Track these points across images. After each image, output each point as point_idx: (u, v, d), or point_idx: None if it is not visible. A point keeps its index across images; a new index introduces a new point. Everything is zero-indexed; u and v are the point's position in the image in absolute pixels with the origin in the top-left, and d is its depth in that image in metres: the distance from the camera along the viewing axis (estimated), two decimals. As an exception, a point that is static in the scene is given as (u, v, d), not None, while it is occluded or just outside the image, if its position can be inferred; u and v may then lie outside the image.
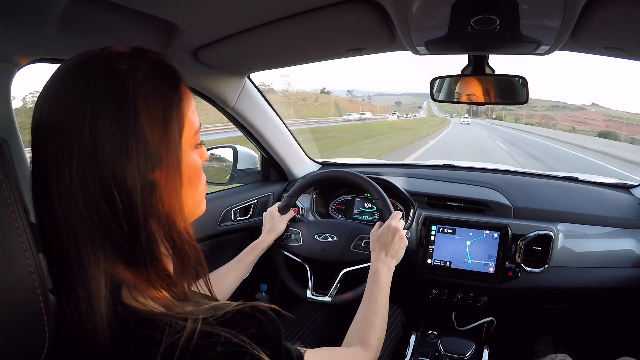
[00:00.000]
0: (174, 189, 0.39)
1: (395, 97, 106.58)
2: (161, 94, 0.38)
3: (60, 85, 0.37)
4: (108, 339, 0.36)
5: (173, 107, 0.39)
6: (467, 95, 0.97)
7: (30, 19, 0.59)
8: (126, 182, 0.35)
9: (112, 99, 0.35)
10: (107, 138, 0.35)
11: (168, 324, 0.35)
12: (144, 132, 0.36)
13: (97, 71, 0.37)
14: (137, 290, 0.38)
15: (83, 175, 0.35)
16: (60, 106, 0.35)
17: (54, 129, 0.35)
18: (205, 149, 0.48)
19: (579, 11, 0.64)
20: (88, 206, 0.35)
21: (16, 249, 0.33)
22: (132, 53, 0.39)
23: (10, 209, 0.33)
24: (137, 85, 0.37)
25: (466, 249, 1.14)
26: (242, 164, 1.40)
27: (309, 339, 1.09)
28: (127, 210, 0.36)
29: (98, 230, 0.36)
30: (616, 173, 9.15)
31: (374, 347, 0.68)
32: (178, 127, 0.39)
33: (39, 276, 0.35)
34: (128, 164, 0.35)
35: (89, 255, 0.36)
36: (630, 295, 1.12)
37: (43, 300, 0.35)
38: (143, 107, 0.36)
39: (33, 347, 0.36)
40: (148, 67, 0.39)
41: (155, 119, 0.37)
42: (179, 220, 0.40)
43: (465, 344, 1.20)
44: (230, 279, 0.91)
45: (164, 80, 0.40)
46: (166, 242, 0.39)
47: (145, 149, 0.36)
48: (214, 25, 0.77)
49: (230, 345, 0.35)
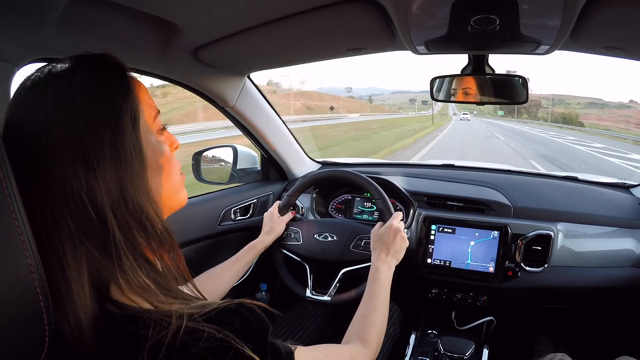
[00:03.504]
0: (137, 175, 0.40)
1: (411, 95, 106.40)
2: (108, 90, 0.40)
3: (17, 104, 0.39)
4: (94, 337, 0.36)
5: (121, 99, 0.41)
6: (467, 94, 0.98)
7: (30, 18, 0.59)
8: (88, 179, 0.37)
9: (61, 105, 0.38)
10: (62, 144, 0.37)
11: (154, 320, 0.36)
12: (97, 129, 0.38)
13: (44, 83, 0.39)
14: (122, 286, 0.39)
15: (48, 182, 0.37)
16: (18, 122, 0.38)
17: (18, 142, 0.37)
18: (174, 136, 0.50)
19: (578, 11, 0.64)
20: (59, 206, 0.37)
21: (16, 248, 0.33)
22: (74, 60, 0.41)
23: (10, 208, 0.33)
24: (82, 87, 0.39)
25: (466, 249, 1.14)
26: (242, 163, 1.40)
27: (308, 338, 1.09)
28: (93, 202, 0.37)
29: (73, 228, 0.37)
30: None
31: (373, 343, 0.68)
32: (131, 117, 0.41)
33: (39, 275, 0.35)
34: (87, 162, 0.37)
35: (67, 256, 0.37)
36: (629, 295, 1.12)
37: (43, 299, 0.35)
38: (92, 106, 0.38)
39: (33, 346, 0.36)
40: (91, 68, 0.41)
41: (106, 114, 0.39)
42: (147, 206, 0.41)
43: (465, 344, 1.20)
44: (226, 278, 0.91)
45: (109, 76, 0.41)
46: (139, 227, 0.40)
47: (100, 145, 0.38)
48: (214, 25, 0.77)
49: (214, 340, 0.36)
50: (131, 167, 0.40)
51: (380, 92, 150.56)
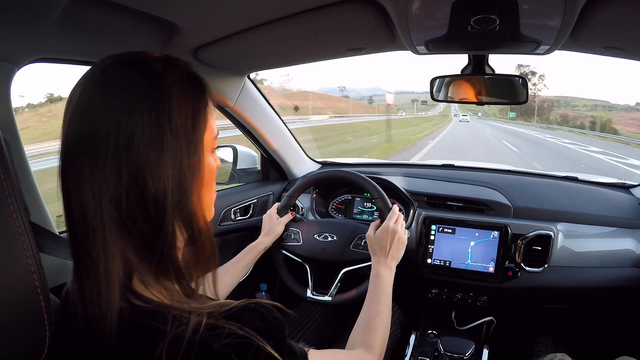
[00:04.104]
0: (198, 184, 0.42)
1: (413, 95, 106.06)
2: (191, 96, 0.42)
3: (99, 78, 0.40)
4: (116, 326, 0.36)
5: (201, 109, 0.43)
6: (467, 94, 0.98)
7: (31, 18, 0.59)
8: (159, 170, 0.38)
9: (150, 95, 0.38)
10: (143, 130, 0.37)
11: (173, 316, 0.37)
12: (177, 128, 0.39)
13: (135, 69, 0.40)
14: (147, 280, 0.40)
15: (117, 160, 0.37)
16: (98, 97, 0.38)
17: (91, 115, 0.38)
18: (217, 155, 0.51)
19: (578, 11, 0.64)
20: (118, 189, 0.37)
21: (17, 248, 0.33)
22: (165, 58, 0.43)
23: (10, 208, 0.33)
24: (170, 86, 0.40)
25: (466, 249, 1.14)
26: (242, 163, 1.40)
27: (309, 338, 1.09)
28: (156, 196, 0.38)
29: (123, 213, 0.37)
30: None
31: (377, 349, 0.68)
32: (202, 129, 0.42)
33: (39, 275, 0.35)
34: (162, 154, 0.38)
35: (111, 236, 0.37)
36: (629, 295, 1.12)
37: (44, 299, 0.35)
38: (176, 105, 0.39)
39: (33, 346, 0.36)
40: (179, 72, 0.42)
41: (186, 117, 0.40)
42: (199, 214, 0.42)
43: (465, 344, 1.20)
44: (227, 281, 0.91)
45: (193, 84, 0.43)
46: (186, 233, 0.41)
47: (177, 143, 0.39)
48: (214, 25, 0.77)
49: (236, 336, 0.36)
50: (194, 175, 0.41)
51: (383, 92, 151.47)
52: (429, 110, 73.26)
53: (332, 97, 70.12)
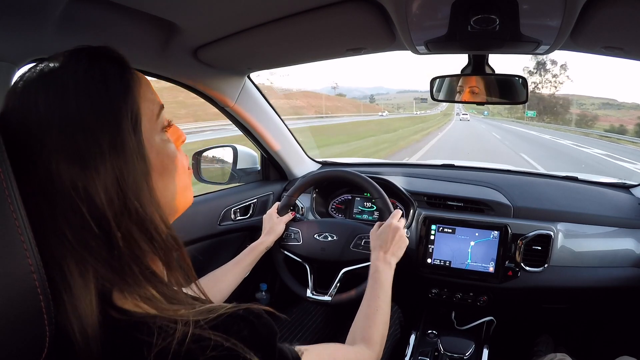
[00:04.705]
0: (141, 183, 0.37)
1: (417, 94, 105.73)
2: (105, 90, 0.37)
3: (7, 110, 0.36)
4: (99, 343, 0.35)
5: (120, 99, 0.37)
6: (467, 94, 0.98)
7: (30, 18, 0.59)
8: (87, 188, 0.35)
9: (55, 110, 0.35)
10: (58, 151, 0.34)
11: (159, 327, 0.35)
12: (94, 135, 0.35)
13: (35, 85, 0.36)
14: (127, 292, 0.38)
15: (44, 188, 0.34)
16: (11, 129, 0.35)
17: (14, 145, 0.35)
18: (180, 129, 0.46)
19: (578, 11, 0.64)
20: (57, 220, 0.35)
21: (17, 248, 0.33)
22: (69, 56, 0.38)
23: (10, 207, 0.33)
24: (77, 89, 0.36)
25: (466, 249, 1.14)
26: (242, 163, 1.40)
27: (309, 338, 1.09)
28: (94, 214, 0.35)
29: (73, 241, 0.35)
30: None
31: (377, 344, 0.68)
32: (132, 118, 0.38)
33: (39, 275, 0.35)
34: (85, 169, 0.35)
35: (71, 270, 0.35)
36: (629, 295, 1.12)
37: (44, 299, 0.35)
38: (88, 108, 0.35)
39: (33, 346, 0.36)
40: (87, 66, 0.37)
41: (104, 117, 0.36)
42: (153, 214, 0.38)
43: (465, 344, 1.20)
44: (228, 280, 0.91)
45: (106, 74, 0.38)
46: (144, 237, 0.38)
47: (100, 151, 0.35)
48: (214, 25, 0.77)
49: (222, 349, 0.35)
50: (134, 173, 0.37)
51: (386, 91, 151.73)
52: (431, 109, 72.19)
53: (324, 96, 64.98)
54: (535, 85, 71.32)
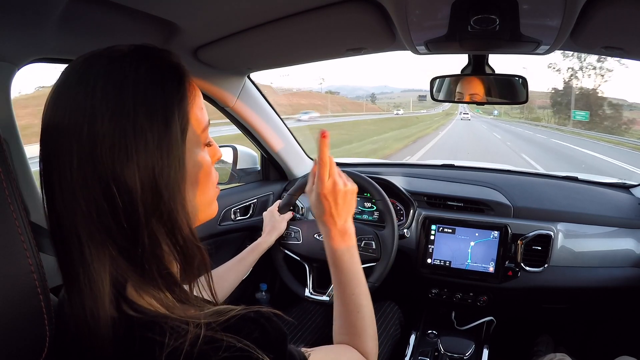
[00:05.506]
0: (176, 188, 0.38)
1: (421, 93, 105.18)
2: (162, 92, 0.38)
3: (64, 85, 0.37)
4: (111, 338, 0.35)
5: (174, 105, 0.39)
6: (467, 94, 0.98)
7: (30, 18, 0.59)
8: (126, 181, 0.35)
9: (111, 98, 0.36)
10: (105, 137, 0.35)
11: (171, 327, 0.35)
12: (143, 131, 0.36)
13: (97, 70, 0.37)
14: (140, 289, 0.38)
15: (83, 173, 0.35)
16: (63, 106, 0.36)
17: (58, 127, 0.36)
18: (217, 147, 0.48)
19: (578, 11, 0.64)
20: (88, 204, 0.35)
21: (17, 248, 0.34)
22: (133, 51, 0.40)
23: (10, 208, 0.33)
24: (137, 84, 0.37)
25: (466, 249, 1.14)
26: (242, 163, 1.39)
27: (308, 338, 1.09)
28: (127, 208, 0.36)
29: (99, 227, 0.36)
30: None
31: (372, 354, 0.62)
32: (181, 126, 0.39)
33: (39, 275, 0.35)
34: (127, 162, 0.35)
35: (91, 252, 0.36)
36: (629, 295, 1.12)
37: (44, 299, 0.35)
38: (142, 105, 0.36)
39: (33, 346, 0.36)
40: (149, 65, 0.39)
41: (155, 117, 0.37)
42: (181, 220, 0.39)
43: (465, 344, 1.20)
44: (230, 279, 0.91)
45: (166, 77, 0.39)
46: (169, 241, 0.39)
47: (145, 148, 0.36)
48: (214, 25, 0.77)
49: (234, 349, 0.35)
50: (172, 175, 0.38)
51: (390, 90, 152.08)
52: (433, 108, 71.19)
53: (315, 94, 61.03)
54: (574, 72, 42.92)
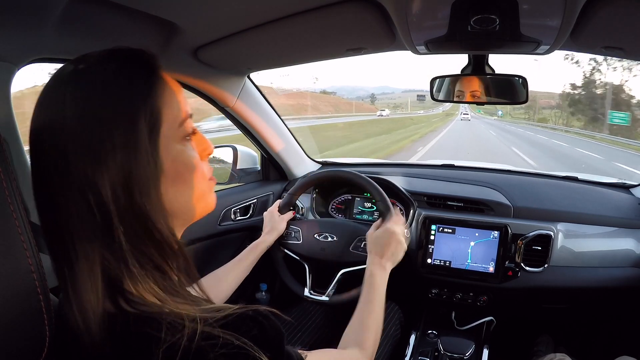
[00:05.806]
0: (150, 186, 0.38)
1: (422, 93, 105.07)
2: (128, 90, 0.38)
3: (46, 88, 0.39)
4: (107, 334, 0.36)
5: (140, 101, 0.38)
6: (467, 94, 0.98)
7: (30, 19, 0.59)
8: (95, 180, 0.36)
9: (79, 102, 0.36)
10: (74, 139, 0.36)
11: (168, 322, 0.35)
12: (110, 130, 0.36)
13: (68, 72, 0.38)
14: (134, 282, 0.38)
15: (59, 174, 0.36)
16: (43, 109, 0.38)
17: (39, 130, 0.37)
18: (208, 141, 0.47)
19: (578, 11, 0.64)
20: (69, 203, 0.36)
21: (17, 248, 0.34)
22: (102, 54, 0.39)
23: (10, 208, 0.33)
24: (105, 85, 0.37)
25: (466, 249, 1.14)
26: (242, 163, 1.39)
27: (308, 338, 1.09)
28: (99, 205, 0.36)
29: (82, 225, 0.37)
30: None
31: (369, 348, 0.68)
32: (149, 122, 0.38)
33: (39, 275, 0.35)
34: (97, 162, 0.36)
35: (76, 249, 0.36)
36: (629, 295, 1.12)
37: (43, 299, 0.35)
38: (109, 105, 0.37)
39: (33, 346, 0.36)
40: (118, 64, 0.39)
41: (122, 116, 0.37)
42: (156, 218, 0.39)
43: (465, 344, 1.20)
44: (230, 280, 0.90)
45: (133, 75, 0.39)
46: (147, 238, 0.39)
47: (111, 145, 0.36)
48: (214, 25, 0.77)
49: (232, 347, 0.35)
50: (143, 174, 0.37)
51: (391, 90, 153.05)
52: (432, 109, 70.81)
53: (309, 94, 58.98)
54: (596, 65, 34.98)
